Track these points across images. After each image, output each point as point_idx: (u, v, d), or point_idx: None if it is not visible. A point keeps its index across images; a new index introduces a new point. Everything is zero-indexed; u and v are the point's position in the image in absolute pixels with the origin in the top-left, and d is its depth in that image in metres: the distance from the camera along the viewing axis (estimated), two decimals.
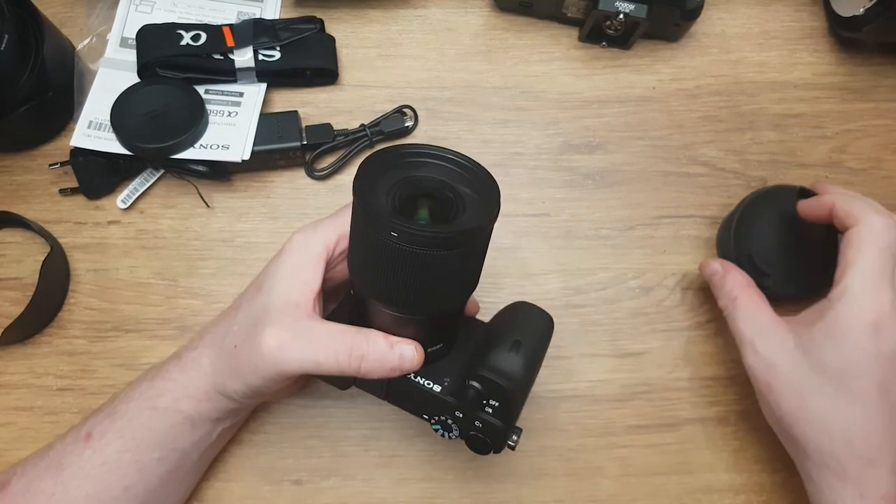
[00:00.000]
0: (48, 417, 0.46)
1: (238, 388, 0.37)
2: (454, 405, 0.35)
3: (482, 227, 0.30)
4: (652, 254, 0.50)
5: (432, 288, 0.31)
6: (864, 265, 0.37)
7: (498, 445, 0.36)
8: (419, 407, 0.38)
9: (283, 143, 0.48)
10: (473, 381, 0.35)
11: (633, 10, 0.48)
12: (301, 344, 0.34)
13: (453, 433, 0.37)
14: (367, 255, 0.31)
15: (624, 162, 0.52)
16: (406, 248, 0.28)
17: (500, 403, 0.35)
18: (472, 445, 0.36)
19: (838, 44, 0.55)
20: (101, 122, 0.47)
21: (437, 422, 0.37)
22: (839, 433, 0.36)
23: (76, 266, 0.48)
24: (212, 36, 0.49)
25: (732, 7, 0.55)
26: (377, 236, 0.29)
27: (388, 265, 0.30)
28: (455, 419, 0.36)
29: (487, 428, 0.35)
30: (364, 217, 0.29)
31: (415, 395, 0.36)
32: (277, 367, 0.34)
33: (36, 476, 0.37)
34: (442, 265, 0.30)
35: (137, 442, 0.38)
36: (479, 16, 0.54)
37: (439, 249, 0.29)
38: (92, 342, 0.47)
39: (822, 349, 0.37)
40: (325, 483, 0.45)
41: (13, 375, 0.46)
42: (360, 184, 0.29)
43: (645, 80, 0.53)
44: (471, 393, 0.35)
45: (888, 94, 0.54)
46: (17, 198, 0.49)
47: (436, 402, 0.36)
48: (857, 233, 0.38)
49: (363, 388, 0.39)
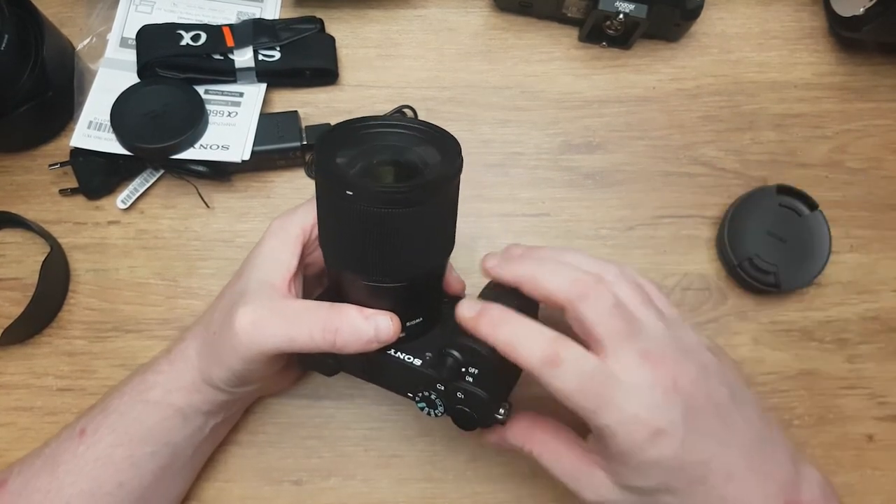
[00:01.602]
0: (48, 418, 0.46)
1: (222, 374, 0.37)
2: (434, 377, 0.35)
3: (441, 179, 0.30)
4: (652, 254, 0.50)
5: (398, 249, 0.31)
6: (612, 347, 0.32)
7: (484, 418, 0.35)
8: (402, 384, 0.37)
9: (282, 143, 0.48)
10: (451, 349, 0.34)
11: (633, 10, 0.48)
12: (274, 320, 0.34)
13: (438, 409, 0.36)
14: (332, 224, 0.31)
15: (624, 162, 0.52)
16: (366, 207, 0.28)
17: (479, 371, 0.34)
18: (458, 421, 0.35)
19: (838, 44, 0.54)
20: (101, 123, 0.47)
21: (421, 398, 0.36)
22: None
23: (76, 266, 0.48)
24: (212, 36, 0.49)
25: (732, 7, 0.55)
26: (338, 200, 0.29)
27: (351, 229, 0.30)
28: (438, 393, 0.35)
29: (470, 399, 0.34)
30: (325, 183, 0.30)
31: (395, 371, 0.36)
32: (252, 345, 0.34)
33: (32, 474, 0.38)
34: (406, 223, 0.29)
35: (130, 436, 0.38)
36: (479, 16, 0.54)
37: (399, 206, 0.28)
38: (92, 342, 0.47)
39: (620, 477, 0.33)
40: (325, 483, 0.45)
41: (13, 376, 0.46)
42: (320, 154, 0.29)
43: (645, 80, 0.53)
44: (449, 361, 0.34)
45: (888, 94, 0.54)
46: (17, 198, 0.49)
47: (416, 377, 0.35)
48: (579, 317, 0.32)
49: (349, 372, 0.38)
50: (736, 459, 0.32)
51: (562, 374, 0.31)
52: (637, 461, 0.31)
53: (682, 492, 0.32)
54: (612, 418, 0.31)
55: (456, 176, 0.31)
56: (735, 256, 0.48)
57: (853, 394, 0.48)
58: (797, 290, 0.49)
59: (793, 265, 0.48)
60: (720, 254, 0.50)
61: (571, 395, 0.31)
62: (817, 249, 0.48)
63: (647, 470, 0.32)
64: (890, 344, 0.49)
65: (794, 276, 0.48)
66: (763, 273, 0.47)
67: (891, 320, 0.49)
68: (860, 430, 0.48)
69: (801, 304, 0.49)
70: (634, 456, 0.31)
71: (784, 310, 0.49)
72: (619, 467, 0.33)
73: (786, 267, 0.47)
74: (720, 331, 0.49)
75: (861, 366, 0.49)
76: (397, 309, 0.34)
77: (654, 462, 0.31)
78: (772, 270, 0.47)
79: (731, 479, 0.32)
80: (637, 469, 0.32)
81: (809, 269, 0.48)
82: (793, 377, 0.48)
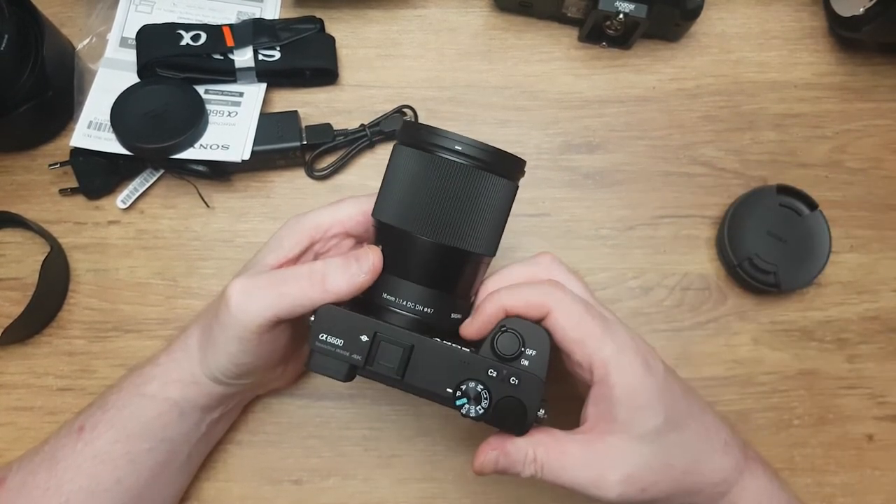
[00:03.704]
0: (48, 417, 0.46)
1: (221, 360, 0.37)
2: (488, 361, 0.33)
3: (519, 162, 0.36)
4: (652, 254, 0.50)
5: (465, 213, 0.34)
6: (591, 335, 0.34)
7: (534, 409, 0.33)
8: (443, 378, 0.34)
9: (282, 143, 0.48)
10: (510, 326, 0.34)
11: (633, 10, 0.48)
12: (263, 285, 0.35)
13: (482, 404, 0.33)
14: (409, 182, 0.35)
15: (624, 162, 0.52)
16: (463, 164, 0.33)
17: (537, 352, 0.34)
18: (503, 415, 0.33)
19: (838, 44, 0.54)
20: (101, 122, 0.47)
21: (464, 393, 0.33)
22: (710, 453, 0.36)
23: (76, 266, 0.48)
24: (212, 36, 0.49)
25: (732, 7, 0.55)
26: (431, 157, 0.34)
27: (441, 184, 0.34)
28: (487, 382, 0.33)
29: (526, 385, 0.33)
30: (426, 138, 0.34)
31: (441, 362, 0.34)
32: (244, 316, 0.34)
33: (31, 471, 0.38)
34: (481, 189, 0.34)
35: (127, 432, 0.38)
36: (479, 16, 0.54)
37: (488, 170, 0.34)
38: (92, 342, 0.47)
39: (640, 422, 0.34)
40: (325, 483, 0.45)
41: (13, 375, 0.46)
42: (414, 125, 0.35)
43: (645, 80, 0.53)
44: (507, 338, 0.33)
45: (888, 94, 0.54)
46: (17, 198, 0.49)
47: (466, 363, 0.34)
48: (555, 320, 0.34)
49: (371, 377, 0.35)
50: (699, 402, 0.37)
51: (565, 308, 0.34)
52: (642, 393, 0.34)
53: (682, 426, 0.35)
54: (609, 347, 0.34)
55: (520, 178, 0.36)
56: (735, 256, 0.48)
57: (853, 394, 0.48)
58: (797, 290, 0.49)
59: (793, 265, 0.48)
60: (720, 254, 0.50)
61: (573, 330, 0.34)
62: (817, 249, 0.48)
63: (653, 403, 0.34)
64: (890, 344, 0.49)
65: (794, 276, 0.48)
66: (763, 273, 0.47)
67: (891, 320, 0.49)
68: (860, 429, 0.48)
69: (801, 304, 0.49)
70: (638, 385, 0.34)
71: (784, 310, 0.49)
72: (629, 412, 0.34)
73: (786, 267, 0.47)
74: (720, 331, 0.49)
75: (861, 366, 0.49)
76: (440, 302, 0.35)
77: (655, 390, 0.34)
78: (772, 270, 0.47)
79: (705, 412, 0.37)
80: (645, 406, 0.34)
81: (809, 269, 0.48)
82: (793, 377, 0.48)
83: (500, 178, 0.35)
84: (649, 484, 0.34)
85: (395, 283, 0.35)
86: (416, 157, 0.35)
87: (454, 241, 0.34)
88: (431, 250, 0.34)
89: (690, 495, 0.36)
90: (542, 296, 0.34)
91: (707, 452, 0.36)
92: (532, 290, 0.35)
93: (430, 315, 0.35)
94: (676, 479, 0.35)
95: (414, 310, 0.35)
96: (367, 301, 0.35)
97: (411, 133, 0.35)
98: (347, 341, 0.34)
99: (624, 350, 0.34)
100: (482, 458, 0.35)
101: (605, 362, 0.34)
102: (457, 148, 0.34)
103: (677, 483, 0.35)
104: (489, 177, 0.34)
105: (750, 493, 0.37)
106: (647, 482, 0.34)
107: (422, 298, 0.35)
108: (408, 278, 0.35)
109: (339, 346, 0.34)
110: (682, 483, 0.35)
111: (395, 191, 0.35)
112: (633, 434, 0.34)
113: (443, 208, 0.34)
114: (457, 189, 0.34)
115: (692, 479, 0.35)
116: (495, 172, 0.34)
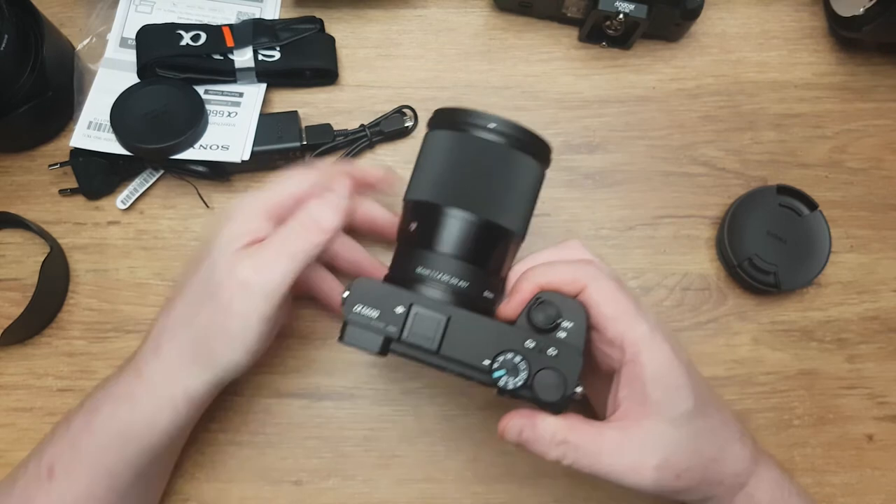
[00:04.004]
0: (48, 418, 0.46)
1: (236, 357, 0.36)
2: (526, 332, 0.33)
3: (548, 147, 0.37)
4: (652, 254, 0.50)
5: (498, 188, 0.35)
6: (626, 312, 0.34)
7: (573, 379, 0.33)
8: (479, 350, 0.33)
9: (282, 143, 0.48)
10: (546, 298, 0.34)
11: (633, 10, 0.48)
12: (270, 256, 0.35)
13: (520, 376, 0.33)
14: (446, 159, 0.36)
15: (624, 162, 0.52)
16: (496, 141, 0.35)
17: (574, 324, 0.34)
18: (541, 387, 0.33)
19: (838, 44, 0.54)
20: (100, 123, 0.47)
21: (501, 364, 0.33)
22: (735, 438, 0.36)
23: (76, 266, 0.48)
24: (212, 36, 0.49)
25: (732, 7, 0.55)
26: (473, 133, 0.35)
27: (478, 159, 0.35)
28: (525, 354, 0.33)
29: (564, 356, 0.33)
30: (462, 119, 0.36)
31: (478, 334, 0.33)
32: (270, 292, 0.34)
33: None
34: (514, 166, 0.36)
35: (107, 481, 0.36)
36: (479, 16, 0.54)
37: (521, 149, 0.36)
38: (92, 343, 0.47)
39: (672, 404, 0.34)
40: (325, 483, 0.45)
41: (13, 376, 0.46)
42: (445, 110, 0.37)
43: (645, 80, 0.53)
44: (544, 309, 0.33)
45: (888, 94, 0.54)
46: (17, 198, 0.49)
47: (504, 335, 0.33)
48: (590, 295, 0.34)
49: (405, 351, 0.34)
50: (715, 393, 0.38)
51: (600, 284, 0.34)
52: (674, 374, 0.33)
53: (707, 414, 0.35)
54: (643, 326, 0.33)
55: (548, 163, 0.38)
56: (735, 256, 0.48)
57: (853, 394, 0.48)
58: (797, 290, 0.49)
59: (793, 265, 0.48)
60: (720, 254, 0.50)
61: (607, 305, 0.34)
62: (817, 249, 0.48)
63: (685, 385, 0.34)
64: (890, 344, 0.49)
65: (794, 276, 0.48)
66: (763, 273, 0.47)
67: (891, 320, 0.49)
68: (860, 429, 0.48)
69: (801, 304, 0.49)
70: (670, 366, 0.33)
71: (784, 310, 0.49)
72: (663, 393, 0.33)
73: (786, 267, 0.47)
74: (720, 331, 0.49)
75: (861, 366, 0.49)
76: (475, 276, 0.35)
77: (685, 373, 0.34)
78: (772, 270, 0.47)
79: (721, 402, 0.37)
80: (678, 387, 0.34)
81: (809, 269, 0.48)
82: (793, 377, 0.48)
83: (531, 159, 0.36)
84: (683, 470, 0.34)
85: (430, 257, 0.35)
86: (451, 137, 0.36)
87: (488, 215, 0.35)
88: (467, 223, 0.35)
89: (713, 486, 0.35)
90: (577, 272, 0.34)
91: (730, 441, 0.36)
92: (567, 266, 0.35)
93: (464, 289, 0.35)
94: (705, 467, 0.35)
95: (449, 283, 0.35)
96: (402, 275, 0.36)
97: (445, 116, 0.37)
98: (383, 313, 0.33)
99: (656, 330, 0.34)
100: (507, 422, 0.34)
101: (639, 340, 0.33)
102: (492, 126, 0.35)
103: (705, 471, 0.35)
104: (522, 156, 0.36)
105: (766, 485, 0.37)
106: (682, 468, 0.34)
107: (457, 272, 0.35)
108: (442, 252, 0.35)
109: (375, 317, 0.33)
110: (708, 471, 0.35)
111: (431, 170, 0.37)
112: (666, 417, 0.33)
113: (478, 183, 0.35)
114: (491, 165, 0.35)
115: (717, 468, 0.35)
116: (528, 152, 0.36)
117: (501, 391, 0.33)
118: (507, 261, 0.37)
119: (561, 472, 0.46)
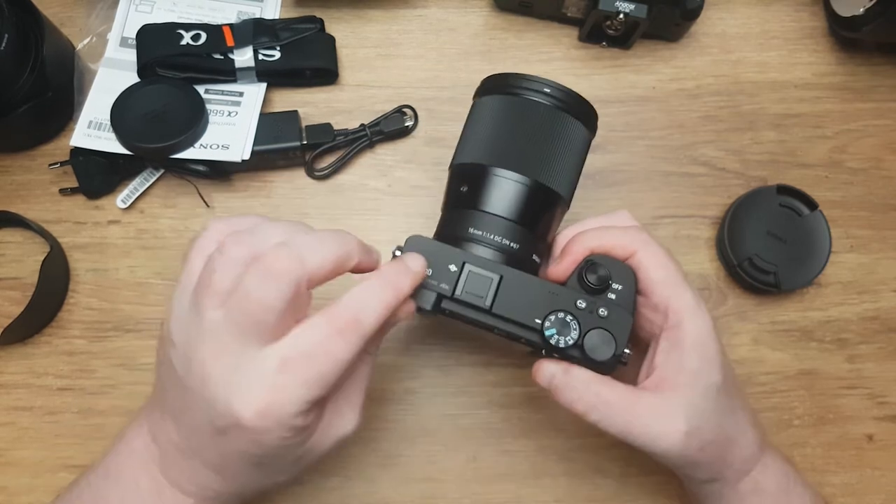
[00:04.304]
0: (48, 417, 0.46)
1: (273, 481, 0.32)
2: (576, 293, 0.34)
3: (595, 113, 0.39)
4: None
5: (549, 152, 0.36)
6: (673, 279, 0.35)
7: (623, 340, 0.33)
8: (532, 310, 0.33)
9: (282, 142, 0.48)
10: (596, 261, 0.34)
11: (633, 9, 0.48)
12: (295, 375, 0.27)
13: (571, 335, 0.33)
14: (501, 122, 0.37)
15: (624, 162, 0.52)
16: (549, 104, 0.36)
17: (624, 287, 0.34)
18: (591, 346, 0.33)
19: (838, 44, 0.55)
20: (100, 122, 0.47)
21: (552, 323, 0.33)
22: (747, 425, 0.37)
23: (76, 266, 0.48)
24: (212, 36, 0.49)
25: (732, 7, 0.55)
26: (524, 95, 0.37)
27: (529, 122, 0.36)
28: (576, 313, 0.33)
29: (614, 317, 0.33)
30: (512, 80, 0.37)
31: (529, 293, 0.34)
32: (282, 419, 0.28)
33: None
34: (564, 130, 0.37)
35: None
36: (479, 16, 0.54)
37: (570, 113, 0.37)
38: (92, 342, 0.47)
39: (706, 375, 0.34)
40: (327, 483, 0.45)
41: (13, 375, 0.46)
42: (492, 77, 0.39)
43: (645, 80, 0.53)
44: (595, 270, 0.34)
45: (888, 94, 0.54)
46: (17, 198, 0.49)
47: (555, 294, 0.34)
48: (640, 260, 0.35)
49: (456, 310, 0.34)
50: (737, 380, 0.38)
51: (651, 249, 0.35)
52: (711, 346, 0.34)
53: (731, 394, 0.35)
54: (689, 295, 0.34)
55: (594, 131, 0.40)
56: (735, 256, 0.48)
57: (853, 394, 0.48)
58: (797, 290, 0.49)
59: (793, 265, 0.48)
60: (720, 254, 0.50)
61: (656, 270, 0.34)
62: (817, 249, 0.48)
63: (718, 359, 0.34)
64: (890, 344, 0.49)
65: (794, 276, 0.48)
66: (763, 273, 0.47)
67: (891, 320, 0.49)
68: (860, 429, 0.48)
69: (801, 304, 0.49)
70: (708, 338, 0.34)
71: (784, 310, 0.49)
72: (700, 362, 0.34)
73: (786, 267, 0.47)
74: (720, 331, 0.48)
75: (861, 366, 0.49)
76: (522, 237, 0.36)
77: (719, 349, 0.34)
78: (772, 270, 0.47)
79: (740, 393, 0.38)
80: (713, 359, 0.34)
81: (809, 269, 0.48)
82: (793, 377, 0.48)
83: (579, 123, 0.37)
84: (707, 443, 0.34)
85: (481, 217, 0.36)
86: (500, 100, 0.37)
87: (540, 177, 0.36)
88: (518, 185, 0.36)
89: (724, 467, 0.36)
90: (628, 237, 0.35)
91: (745, 425, 0.36)
92: (618, 231, 0.36)
93: (515, 250, 0.36)
94: (722, 445, 0.35)
95: (500, 244, 0.36)
96: (453, 234, 0.36)
97: (494, 82, 0.38)
98: (436, 270, 0.34)
99: (700, 301, 0.35)
100: (540, 365, 0.35)
101: (684, 308, 0.34)
102: (544, 89, 0.37)
103: (721, 450, 0.35)
104: (573, 121, 0.37)
105: (772, 472, 0.37)
106: (706, 440, 0.34)
107: (508, 233, 0.36)
108: (494, 212, 0.36)
109: (428, 275, 0.34)
110: (724, 450, 0.35)
111: (480, 134, 0.38)
112: (699, 386, 0.34)
113: (530, 146, 0.36)
114: (541, 127, 0.36)
115: (732, 449, 0.35)
116: (578, 118, 0.37)
117: (552, 349, 0.34)
118: (553, 226, 0.38)
119: (561, 472, 0.46)
